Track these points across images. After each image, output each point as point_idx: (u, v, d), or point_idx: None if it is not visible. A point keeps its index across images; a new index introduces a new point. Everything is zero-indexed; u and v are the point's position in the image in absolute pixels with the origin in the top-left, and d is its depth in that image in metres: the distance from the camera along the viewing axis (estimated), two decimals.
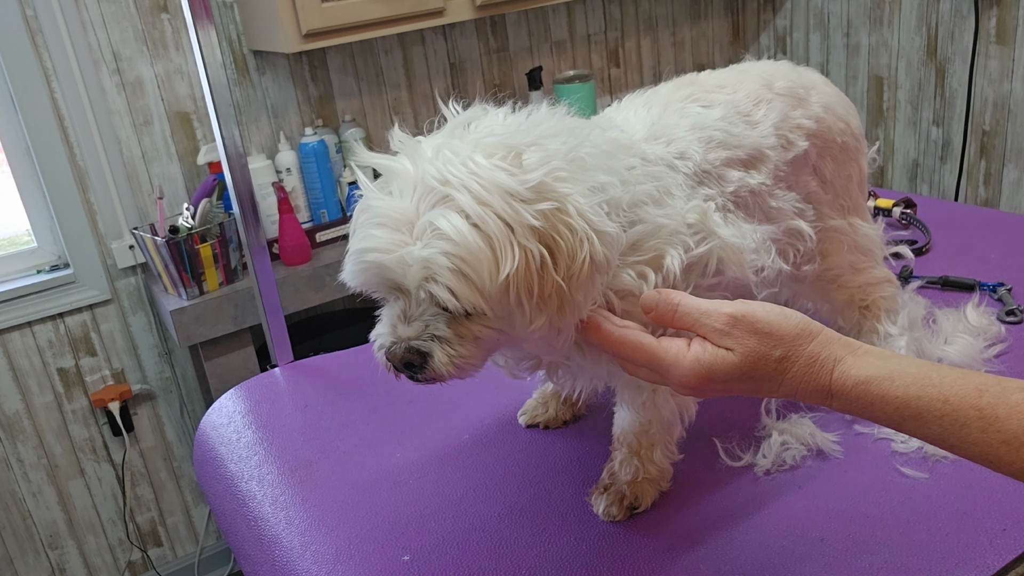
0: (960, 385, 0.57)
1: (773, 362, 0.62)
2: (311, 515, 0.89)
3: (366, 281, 0.66)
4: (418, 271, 0.62)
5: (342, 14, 1.89)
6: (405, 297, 0.65)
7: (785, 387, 0.63)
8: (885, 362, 0.61)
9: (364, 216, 0.66)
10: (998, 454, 0.55)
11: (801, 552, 0.75)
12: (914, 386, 0.58)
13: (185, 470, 2.36)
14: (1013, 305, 1.12)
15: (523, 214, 0.62)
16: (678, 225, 0.74)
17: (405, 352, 0.65)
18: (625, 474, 0.83)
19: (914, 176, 2.52)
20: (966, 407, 0.56)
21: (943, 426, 0.57)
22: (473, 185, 0.62)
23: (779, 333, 0.62)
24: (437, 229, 0.61)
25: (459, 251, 0.61)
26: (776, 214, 0.85)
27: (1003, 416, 0.54)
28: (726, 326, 0.63)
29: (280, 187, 2.04)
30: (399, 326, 0.66)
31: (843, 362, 0.61)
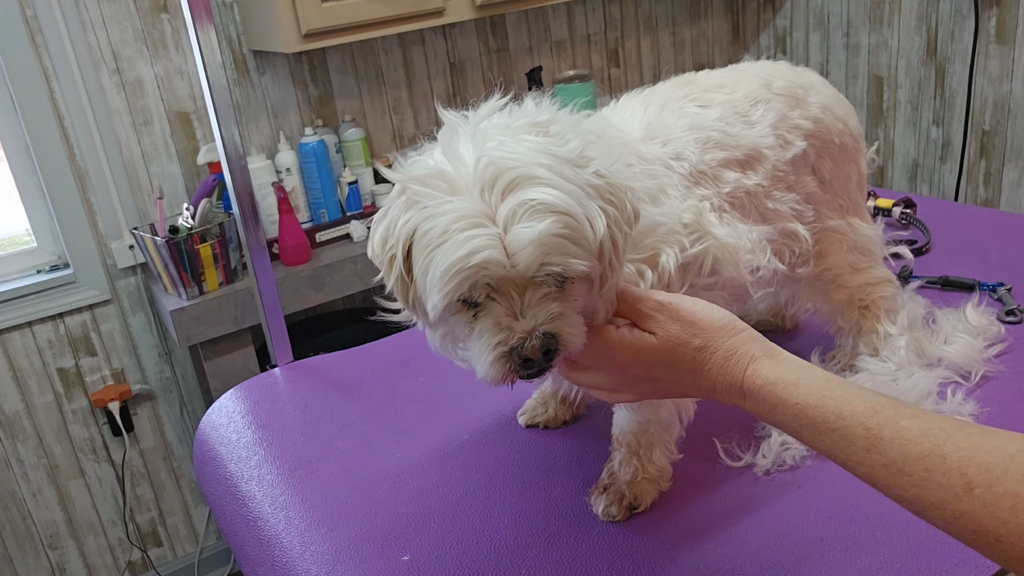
0: (857, 403, 0.57)
1: (692, 351, 0.64)
2: (311, 515, 0.89)
3: (468, 288, 0.62)
4: (533, 251, 0.60)
5: (342, 14, 1.89)
6: (504, 296, 0.63)
7: (704, 381, 0.64)
8: (797, 369, 0.62)
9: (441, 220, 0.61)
10: (879, 476, 0.55)
11: (801, 552, 0.75)
12: (815, 395, 0.59)
13: (185, 470, 2.36)
14: (1013, 305, 1.12)
15: (586, 177, 0.63)
16: (674, 224, 0.74)
17: (543, 340, 0.62)
18: (624, 474, 0.83)
19: (914, 176, 2.52)
20: (856, 424, 0.56)
21: (834, 440, 0.57)
22: (540, 159, 0.62)
23: (701, 324, 0.64)
24: (534, 203, 0.60)
25: (566, 219, 0.61)
26: (772, 215, 0.85)
27: (887, 439, 0.54)
28: (652, 310, 0.66)
29: (280, 187, 2.04)
30: (516, 323, 0.62)
31: (757, 361, 0.63)
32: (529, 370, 0.64)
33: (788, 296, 1.05)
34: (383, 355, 1.24)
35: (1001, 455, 0.49)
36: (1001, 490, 0.48)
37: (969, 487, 0.49)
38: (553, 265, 0.61)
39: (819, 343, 1.05)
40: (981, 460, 0.49)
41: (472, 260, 0.60)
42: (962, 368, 0.97)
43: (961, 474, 0.50)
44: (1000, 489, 0.48)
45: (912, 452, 0.52)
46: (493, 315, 0.63)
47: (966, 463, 0.50)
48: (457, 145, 0.65)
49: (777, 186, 0.85)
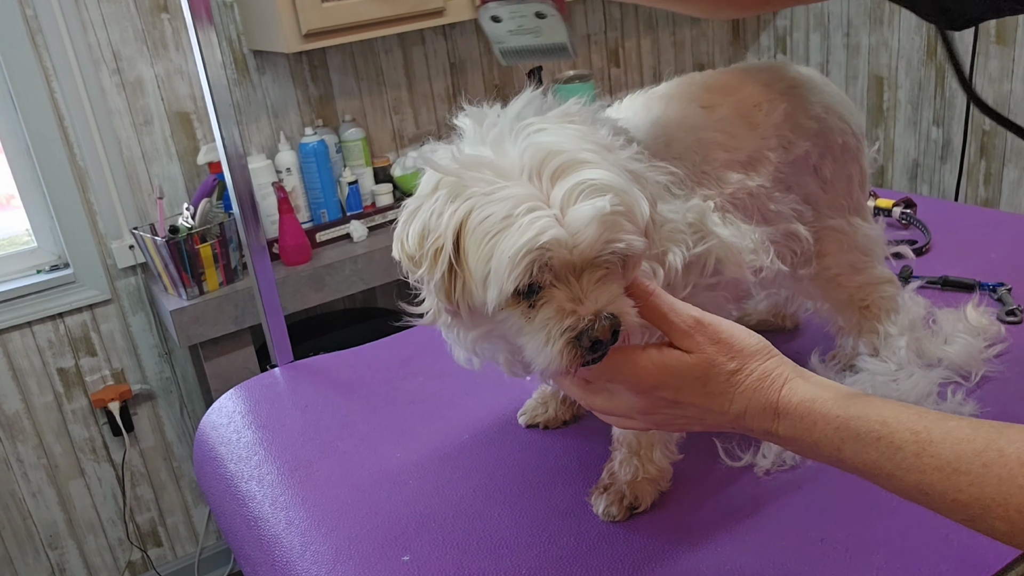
0: (900, 410, 0.56)
1: (726, 373, 0.62)
2: (311, 515, 0.89)
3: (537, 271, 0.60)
4: (595, 230, 0.59)
5: (342, 14, 1.89)
6: (561, 281, 0.62)
7: (736, 404, 0.62)
8: (833, 386, 0.61)
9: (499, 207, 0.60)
10: (932, 481, 0.53)
11: (801, 552, 0.75)
12: (855, 406, 0.58)
13: (185, 470, 2.36)
14: (1013, 305, 1.12)
15: (625, 163, 0.64)
16: (680, 223, 0.74)
17: (612, 321, 0.61)
18: (625, 474, 0.83)
19: (914, 176, 2.52)
20: (903, 430, 0.55)
21: (880, 449, 0.55)
22: (584, 144, 0.62)
23: (739, 346, 0.63)
24: (588, 182, 0.60)
25: (622, 197, 0.61)
26: (774, 217, 0.85)
27: (937, 440, 0.53)
28: (690, 328, 0.63)
29: (280, 187, 2.04)
30: (580, 307, 0.61)
31: (792, 381, 0.61)
32: (595, 353, 0.62)
33: (788, 295, 1.05)
34: (383, 355, 1.24)
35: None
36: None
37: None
38: (617, 242, 0.60)
39: (819, 343, 1.05)
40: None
41: (540, 241, 0.59)
42: (962, 368, 0.97)
43: (1022, 464, 0.48)
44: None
45: (967, 450, 0.51)
46: (555, 301, 0.62)
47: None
48: (496, 135, 0.64)
49: (779, 187, 0.85)
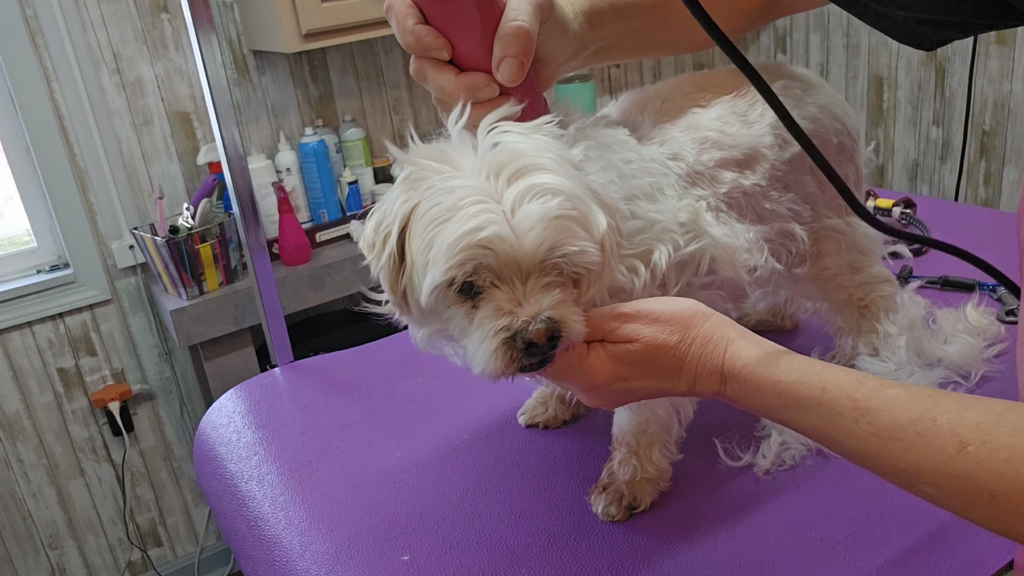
0: (841, 376, 0.57)
1: (671, 348, 0.63)
2: (311, 515, 0.89)
3: (476, 267, 0.60)
4: (543, 231, 0.59)
5: (342, 14, 1.89)
6: (505, 282, 0.61)
7: (686, 375, 0.64)
8: (775, 349, 0.62)
9: (448, 197, 0.60)
10: (869, 447, 0.54)
11: (801, 552, 0.75)
12: (798, 372, 0.59)
13: (185, 470, 2.36)
14: (1013, 305, 1.12)
15: (588, 180, 0.64)
16: (669, 223, 0.74)
17: (548, 324, 0.61)
18: (624, 474, 0.83)
19: (914, 176, 2.52)
20: (843, 396, 0.56)
21: (820, 415, 0.57)
22: (547, 153, 0.62)
23: (673, 319, 0.64)
24: (543, 186, 0.60)
25: (576, 204, 0.61)
26: (769, 215, 0.85)
27: (875, 408, 0.54)
28: (622, 322, 0.65)
29: (280, 187, 2.04)
30: (519, 308, 0.61)
31: (735, 343, 0.63)
32: (533, 358, 0.62)
33: (787, 296, 1.05)
34: (383, 355, 1.24)
35: (991, 413, 0.49)
36: (995, 445, 0.48)
37: (963, 445, 0.49)
38: (565, 246, 0.60)
39: (819, 343, 1.05)
40: (972, 419, 0.49)
41: (480, 235, 0.58)
42: (962, 368, 0.97)
43: (954, 434, 0.49)
44: (994, 444, 0.48)
45: (903, 418, 0.52)
46: (495, 302, 0.61)
47: (957, 423, 0.50)
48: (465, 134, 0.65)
49: (775, 186, 0.85)
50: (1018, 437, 0.47)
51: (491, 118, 0.65)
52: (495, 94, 0.67)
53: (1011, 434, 0.47)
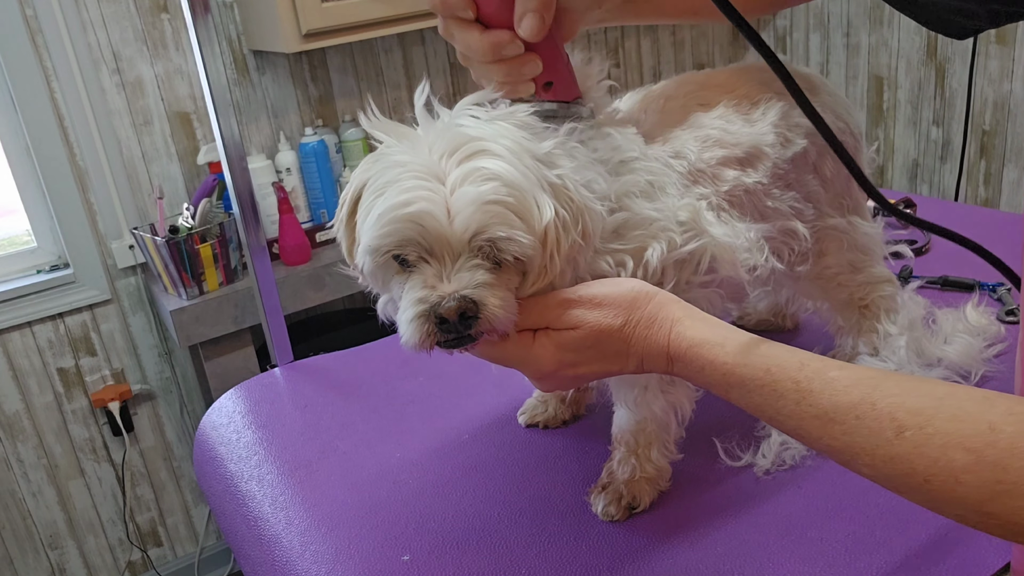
0: (785, 358, 0.58)
1: (616, 331, 0.64)
2: (311, 515, 0.89)
3: (400, 241, 0.62)
4: (473, 213, 0.60)
5: (342, 14, 1.89)
6: (436, 259, 0.63)
7: (633, 356, 0.64)
8: (720, 329, 0.62)
9: (390, 172, 0.63)
10: (809, 428, 0.55)
11: (801, 552, 0.75)
12: (742, 354, 0.60)
13: (185, 470, 2.36)
14: (1013, 305, 1.12)
15: (546, 173, 0.64)
16: (667, 221, 0.74)
17: (460, 302, 0.62)
18: (623, 473, 0.83)
19: (914, 176, 2.52)
20: (785, 379, 0.57)
21: (763, 396, 0.58)
22: (504, 140, 0.63)
23: (616, 301, 0.64)
24: (485, 170, 0.61)
25: (513, 192, 0.61)
26: (771, 213, 0.85)
27: (816, 390, 0.55)
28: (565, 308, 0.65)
29: (280, 187, 2.04)
30: (439, 285, 0.63)
31: (680, 323, 0.63)
32: (447, 334, 0.63)
33: (788, 295, 1.05)
34: (383, 355, 1.24)
35: (931, 399, 0.50)
36: (932, 430, 0.49)
37: (900, 430, 0.50)
38: (490, 231, 0.61)
39: (819, 343, 1.05)
40: (912, 404, 0.50)
41: (407, 209, 0.61)
42: (962, 368, 0.97)
43: (892, 419, 0.51)
44: (931, 429, 0.49)
45: (843, 401, 0.53)
46: (422, 276, 0.63)
47: (897, 408, 0.51)
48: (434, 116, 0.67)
49: (777, 184, 0.85)
50: (954, 424, 0.48)
51: (467, 100, 0.67)
52: (520, 51, 0.68)
53: (948, 420, 0.48)
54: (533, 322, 0.66)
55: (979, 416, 0.48)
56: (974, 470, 0.46)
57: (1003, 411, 0.47)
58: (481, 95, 0.68)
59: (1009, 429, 0.46)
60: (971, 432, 0.47)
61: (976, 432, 0.47)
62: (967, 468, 0.47)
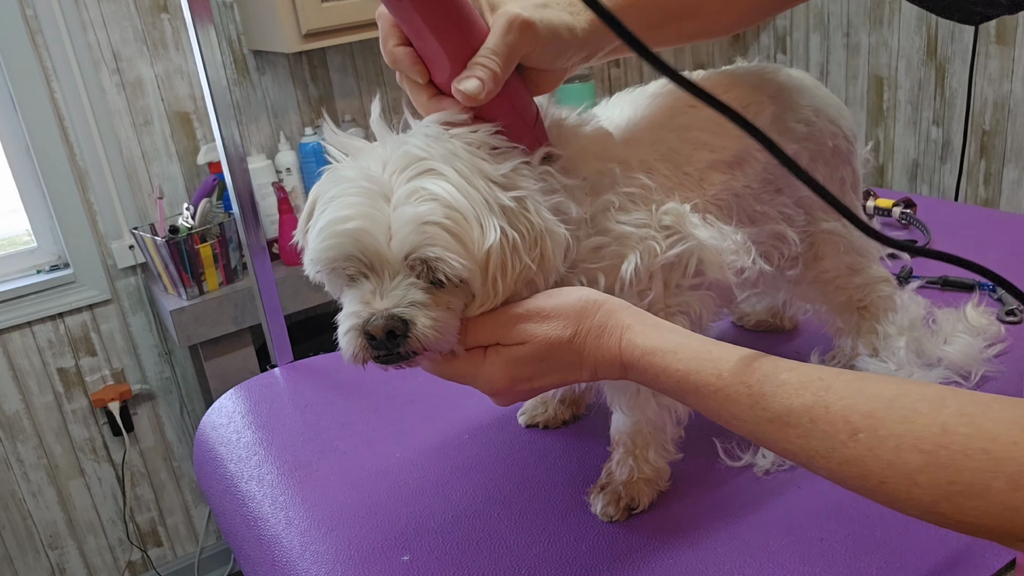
0: (735, 361, 0.58)
1: (566, 343, 0.64)
2: (311, 515, 0.89)
3: (338, 256, 0.64)
4: (409, 233, 0.61)
5: (342, 14, 1.89)
6: (375, 275, 0.64)
7: (587, 366, 0.64)
8: (672, 335, 0.62)
9: (337, 187, 0.64)
10: (765, 431, 0.56)
11: (801, 552, 0.75)
12: (695, 360, 0.60)
13: (185, 470, 2.36)
14: (1013, 305, 1.12)
15: (499, 195, 0.64)
16: (647, 231, 0.74)
17: (387, 320, 0.63)
18: (621, 474, 0.83)
19: (914, 176, 2.52)
20: (737, 383, 0.57)
21: (718, 401, 0.58)
22: (455, 162, 0.64)
23: (565, 312, 0.64)
24: (427, 191, 0.62)
25: (452, 213, 0.62)
26: (760, 217, 0.85)
27: (769, 394, 0.55)
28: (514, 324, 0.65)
29: (280, 187, 2.04)
30: (373, 301, 0.64)
31: (630, 330, 0.63)
32: (378, 350, 0.64)
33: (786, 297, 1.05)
34: None
35: (882, 400, 0.50)
36: (884, 433, 0.49)
37: (854, 433, 0.50)
38: (422, 251, 0.61)
39: (818, 343, 1.05)
40: (863, 407, 0.51)
41: (345, 225, 0.62)
42: (962, 368, 0.97)
43: (846, 421, 0.51)
44: (884, 432, 0.49)
45: (795, 404, 0.54)
46: (360, 291, 0.65)
47: (849, 410, 0.51)
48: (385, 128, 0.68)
49: (766, 188, 0.85)
50: (906, 425, 0.48)
51: (432, 118, 0.68)
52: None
53: (900, 422, 0.49)
54: (483, 339, 0.66)
55: (931, 417, 0.48)
56: (928, 471, 0.47)
57: (955, 412, 0.47)
58: (449, 114, 0.68)
59: (962, 430, 0.46)
60: (924, 434, 0.48)
61: (929, 434, 0.47)
62: (921, 469, 0.47)
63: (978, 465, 0.45)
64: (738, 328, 1.19)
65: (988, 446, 0.45)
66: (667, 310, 0.77)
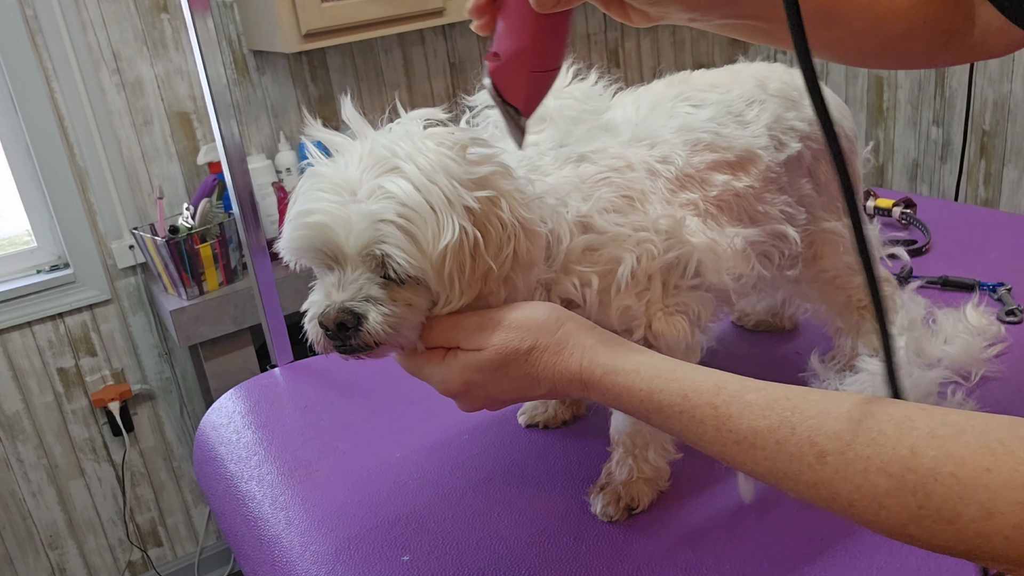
0: (701, 382, 0.57)
1: (523, 354, 0.63)
2: (311, 515, 0.89)
3: (303, 247, 0.66)
4: (364, 229, 0.63)
5: (342, 14, 1.89)
6: (340, 267, 0.66)
7: (543, 381, 0.64)
8: (635, 355, 0.62)
9: (309, 182, 0.67)
10: (732, 453, 0.55)
11: (801, 552, 0.75)
12: (659, 380, 0.59)
13: (185, 470, 2.36)
14: (1013, 305, 1.12)
15: (463, 195, 0.65)
16: (645, 233, 0.74)
17: (339, 312, 0.65)
18: (621, 474, 0.83)
19: (914, 176, 2.52)
20: (702, 404, 0.56)
21: (683, 422, 0.57)
22: (420, 160, 0.65)
23: (526, 325, 0.64)
24: (384, 190, 0.63)
25: (406, 211, 0.63)
26: (762, 217, 0.85)
27: (735, 415, 0.54)
28: (473, 330, 0.65)
29: (280, 187, 2.04)
30: (333, 293, 0.66)
31: (592, 350, 0.63)
32: (335, 340, 0.67)
33: (786, 296, 1.05)
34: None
35: (849, 421, 0.49)
36: (852, 455, 0.48)
37: (821, 455, 0.50)
38: (377, 247, 0.63)
39: (818, 343, 1.05)
40: (830, 428, 0.50)
41: (308, 219, 0.65)
42: (962, 368, 0.97)
43: (812, 444, 0.50)
44: (851, 455, 0.48)
45: (761, 425, 0.53)
46: (323, 284, 0.67)
47: (816, 432, 0.50)
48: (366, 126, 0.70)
49: (769, 188, 0.85)
50: (873, 447, 0.47)
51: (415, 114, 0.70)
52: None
53: (867, 444, 0.48)
54: (443, 340, 0.67)
55: (899, 439, 0.47)
56: (895, 495, 0.46)
57: (925, 434, 0.46)
58: (431, 111, 0.70)
59: (931, 452, 0.45)
60: (891, 457, 0.47)
61: (896, 456, 0.46)
62: (888, 493, 0.46)
63: (947, 491, 0.44)
64: (738, 328, 1.19)
65: (957, 471, 0.44)
66: (665, 310, 0.77)
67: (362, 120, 0.70)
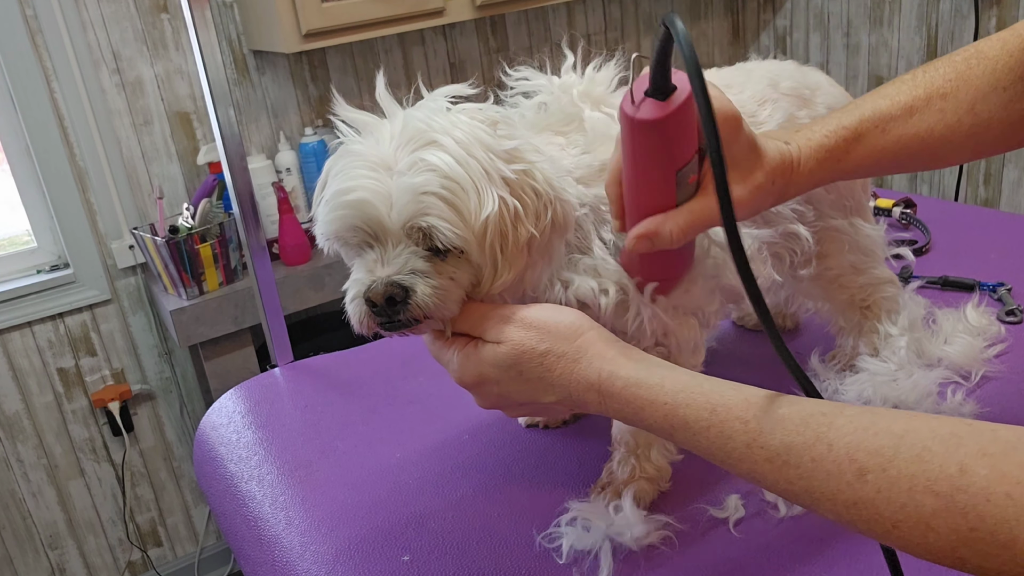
0: (729, 396, 0.55)
1: (538, 356, 0.62)
2: (311, 515, 0.89)
3: (343, 227, 0.66)
4: (408, 203, 0.63)
5: (342, 14, 1.89)
6: (380, 244, 0.66)
7: (558, 387, 0.63)
8: (659, 368, 0.60)
9: (343, 161, 0.66)
10: (763, 472, 0.52)
11: (801, 552, 0.75)
12: (684, 393, 0.56)
13: (185, 470, 2.36)
14: (1013, 305, 1.12)
15: (500, 166, 0.65)
16: None
17: (387, 287, 0.64)
18: (622, 473, 0.83)
19: (914, 176, 2.52)
20: (732, 418, 0.53)
21: (710, 438, 0.54)
22: (456, 133, 0.65)
23: (547, 327, 0.63)
24: (426, 162, 0.63)
25: (448, 183, 0.63)
26: (774, 217, 0.85)
27: (767, 431, 0.51)
28: (497, 322, 0.65)
29: (280, 187, 2.04)
30: (376, 269, 0.65)
31: (612, 361, 0.61)
32: (380, 317, 0.66)
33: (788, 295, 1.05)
34: (383, 355, 1.24)
35: (890, 437, 0.46)
36: (895, 473, 0.45)
37: (861, 473, 0.46)
38: (422, 219, 0.63)
39: (819, 343, 1.05)
40: (870, 444, 0.47)
41: (348, 196, 0.64)
42: (962, 368, 0.97)
43: (851, 460, 0.47)
44: (894, 472, 0.45)
45: (796, 441, 0.50)
46: (364, 261, 0.66)
47: (855, 448, 0.47)
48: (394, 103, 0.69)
49: None
50: (918, 464, 0.45)
51: (439, 91, 0.69)
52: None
53: (911, 461, 0.45)
54: (471, 327, 0.66)
55: (946, 456, 0.44)
56: (944, 516, 0.43)
57: (975, 451, 0.43)
58: (458, 87, 0.69)
59: (982, 471, 0.42)
60: (938, 475, 0.44)
61: (944, 475, 0.43)
62: (936, 513, 0.43)
63: (1001, 512, 0.41)
64: (738, 328, 1.19)
65: (1013, 491, 0.41)
66: (675, 310, 0.77)
67: (392, 99, 0.70)
